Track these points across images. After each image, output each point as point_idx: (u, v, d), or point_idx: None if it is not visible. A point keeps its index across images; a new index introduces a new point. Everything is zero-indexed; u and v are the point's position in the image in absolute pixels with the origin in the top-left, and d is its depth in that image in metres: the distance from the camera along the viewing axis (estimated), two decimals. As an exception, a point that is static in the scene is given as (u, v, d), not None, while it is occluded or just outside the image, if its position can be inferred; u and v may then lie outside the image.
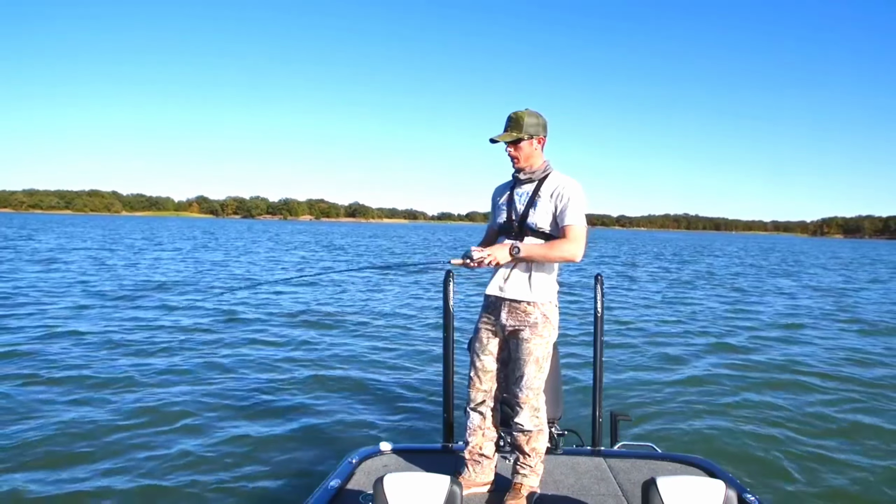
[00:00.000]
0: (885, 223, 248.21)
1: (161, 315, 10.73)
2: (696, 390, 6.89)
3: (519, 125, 2.76)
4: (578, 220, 2.70)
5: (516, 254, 2.68)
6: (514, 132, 2.76)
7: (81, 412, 5.46)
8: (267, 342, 8.69)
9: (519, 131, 2.75)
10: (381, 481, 1.99)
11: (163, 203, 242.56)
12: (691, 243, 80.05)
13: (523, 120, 2.75)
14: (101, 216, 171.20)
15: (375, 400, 6.15)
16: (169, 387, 6.30)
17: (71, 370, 6.77)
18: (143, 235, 46.09)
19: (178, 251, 29.72)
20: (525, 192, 2.82)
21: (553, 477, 3.03)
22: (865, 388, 7.22)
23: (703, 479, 2.12)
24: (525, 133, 2.75)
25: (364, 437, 4.90)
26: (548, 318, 2.78)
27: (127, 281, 15.86)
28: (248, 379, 6.74)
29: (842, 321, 12.89)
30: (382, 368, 7.45)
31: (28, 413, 5.36)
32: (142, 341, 8.42)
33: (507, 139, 2.77)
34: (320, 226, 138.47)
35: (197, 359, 7.53)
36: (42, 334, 8.66)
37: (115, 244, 33.06)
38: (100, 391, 6.08)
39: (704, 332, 10.85)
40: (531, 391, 2.79)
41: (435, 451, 3.39)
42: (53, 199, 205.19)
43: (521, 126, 2.75)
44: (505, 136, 2.77)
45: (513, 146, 2.78)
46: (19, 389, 6.03)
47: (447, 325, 3.45)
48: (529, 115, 2.77)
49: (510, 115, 2.79)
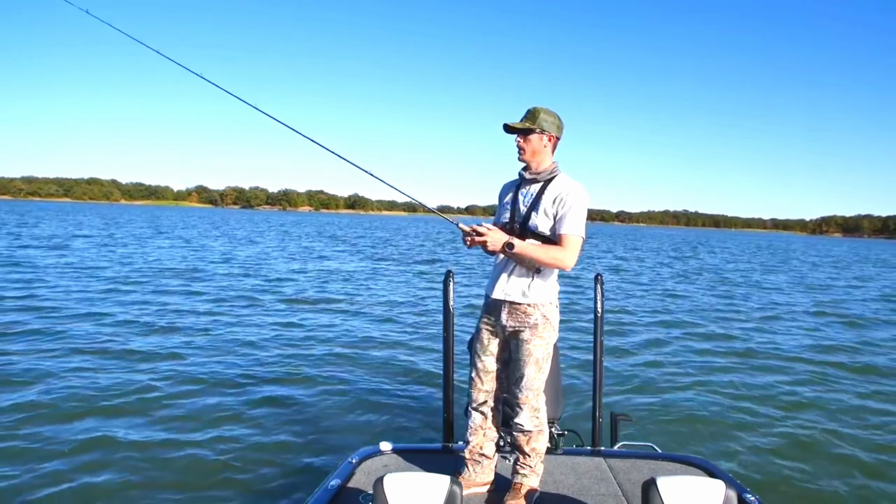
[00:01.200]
0: (883, 223, 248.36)
1: (172, 305, 10.72)
2: (696, 390, 6.90)
3: (534, 117, 2.77)
4: (576, 231, 2.69)
5: (509, 249, 2.67)
6: (527, 122, 2.78)
7: (79, 414, 5.43)
8: (267, 342, 8.67)
9: (532, 122, 2.76)
10: (381, 481, 1.99)
11: (162, 192, 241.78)
12: (689, 240, 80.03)
13: (539, 114, 2.77)
14: (101, 204, 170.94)
15: (375, 400, 6.14)
16: (169, 387, 6.28)
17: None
18: (201, 231, 42.56)
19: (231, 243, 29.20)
20: (530, 193, 2.80)
21: (553, 477, 3.03)
22: (867, 389, 7.24)
23: (703, 479, 2.13)
24: (538, 126, 2.75)
25: (364, 437, 4.89)
26: (548, 320, 2.77)
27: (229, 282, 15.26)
28: (247, 379, 6.72)
29: (843, 323, 12.90)
30: (382, 368, 7.44)
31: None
32: (141, 345, 8.39)
33: (520, 127, 2.78)
34: (322, 217, 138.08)
35: (197, 359, 7.50)
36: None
37: (182, 243, 29.58)
38: (101, 391, 6.06)
39: (704, 332, 10.86)
40: (531, 392, 2.79)
41: (435, 451, 3.39)
42: (52, 187, 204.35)
43: (536, 118, 2.76)
44: (518, 123, 2.79)
45: (522, 136, 2.79)
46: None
47: (447, 325, 3.45)
48: (547, 113, 2.79)
49: (529, 108, 2.81)
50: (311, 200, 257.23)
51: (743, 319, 12.59)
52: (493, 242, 2.66)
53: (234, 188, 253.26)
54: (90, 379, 6.27)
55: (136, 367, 6.85)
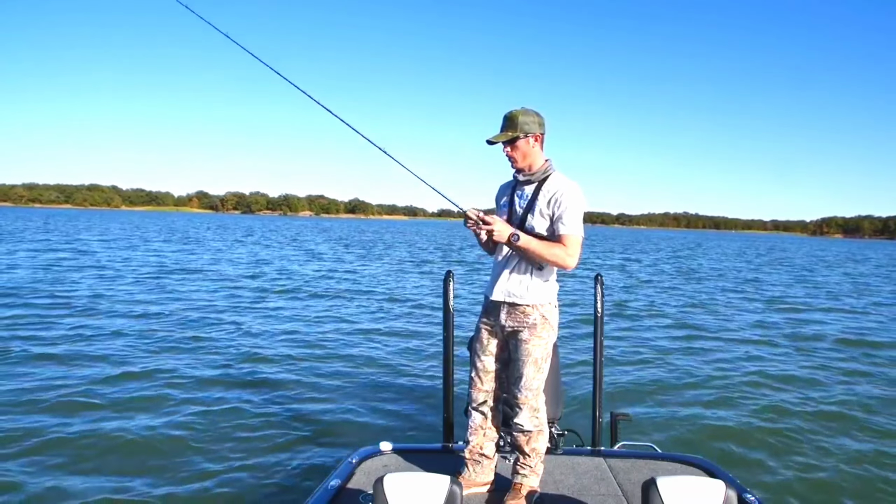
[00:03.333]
0: (884, 223, 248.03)
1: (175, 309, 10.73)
2: (696, 390, 6.90)
3: (514, 124, 2.72)
4: (575, 230, 2.68)
5: (515, 240, 2.64)
6: (509, 132, 2.73)
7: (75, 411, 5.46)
8: (266, 342, 8.68)
9: (514, 130, 2.72)
10: (381, 481, 1.99)
11: (162, 198, 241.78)
12: (688, 242, 79.95)
13: (518, 119, 2.72)
14: (102, 210, 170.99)
15: (375, 400, 6.14)
16: (169, 386, 6.29)
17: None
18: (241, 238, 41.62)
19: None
20: (525, 195, 2.79)
21: (553, 477, 3.03)
22: (868, 390, 7.22)
23: (703, 479, 2.13)
24: (521, 131, 2.72)
25: (364, 437, 4.87)
26: (546, 320, 2.77)
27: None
28: (246, 379, 6.74)
29: (849, 324, 12.88)
30: (382, 368, 7.45)
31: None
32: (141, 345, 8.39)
33: (504, 139, 2.73)
34: (323, 222, 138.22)
35: (195, 359, 7.53)
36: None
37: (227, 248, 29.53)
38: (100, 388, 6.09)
39: (704, 332, 10.86)
40: (530, 392, 2.79)
41: (435, 451, 3.39)
42: (53, 194, 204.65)
43: (517, 125, 2.72)
44: (501, 136, 2.74)
45: (510, 146, 2.75)
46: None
47: (447, 325, 3.45)
48: (525, 114, 2.73)
49: (505, 114, 2.75)
50: (311, 205, 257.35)
51: (744, 319, 12.59)
52: (500, 232, 2.63)
53: (235, 193, 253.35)
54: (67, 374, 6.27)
55: (135, 368, 6.86)
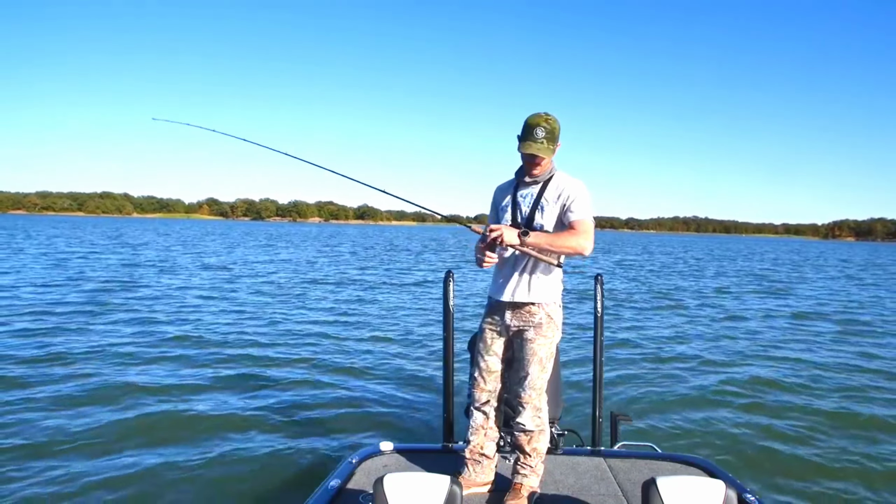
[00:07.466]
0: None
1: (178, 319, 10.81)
2: (697, 391, 6.86)
3: (555, 136, 2.67)
4: (586, 215, 2.67)
5: (524, 237, 2.62)
6: (550, 144, 2.66)
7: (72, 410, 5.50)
8: (266, 342, 8.72)
9: (555, 143, 2.68)
10: (381, 481, 2.00)
11: (173, 205, 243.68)
12: (693, 246, 79.47)
13: (557, 131, 2.66)
14: (114, 218, 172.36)
15: (375, 400, 6.15)
16: (168, 385, 6.31)
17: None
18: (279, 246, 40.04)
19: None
20: (530, 194, 2.79)
21: (553, 477, 3.03)
22: (869, 390, 7.16)
23: (703, 479, 2.13)
24: (559, 143, 2.70)
25: (364, 437, 4.91)
26: (552, 319, 2.78)
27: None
28: (246, 379, 6.75)
29: (852, 324, 12.77)
30: (382, 368, 7.46)
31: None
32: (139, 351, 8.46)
33: (548, 154, 2.66)
34: (332, 228, 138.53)
35: (195, 359, 7.55)
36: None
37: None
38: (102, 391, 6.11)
39: (704, 332, 10.80)
40: (534, 391, 2.79)
41: (435, 451, 3.39)
42: (66, 201, 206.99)
43: (557, 136, 2.68)
44: (548, 150, 2.65)
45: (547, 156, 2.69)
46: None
47: (447, 325, 3.46)
48: (556, 121, 2.67)
49: (541, 123, 2.63)
50: (320, 212, 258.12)
51: (744, 320, 12.51)
52: (507, 235, 2.62)
53: (245, 200, 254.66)
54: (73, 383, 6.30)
55: (132, 367, 6.91)
